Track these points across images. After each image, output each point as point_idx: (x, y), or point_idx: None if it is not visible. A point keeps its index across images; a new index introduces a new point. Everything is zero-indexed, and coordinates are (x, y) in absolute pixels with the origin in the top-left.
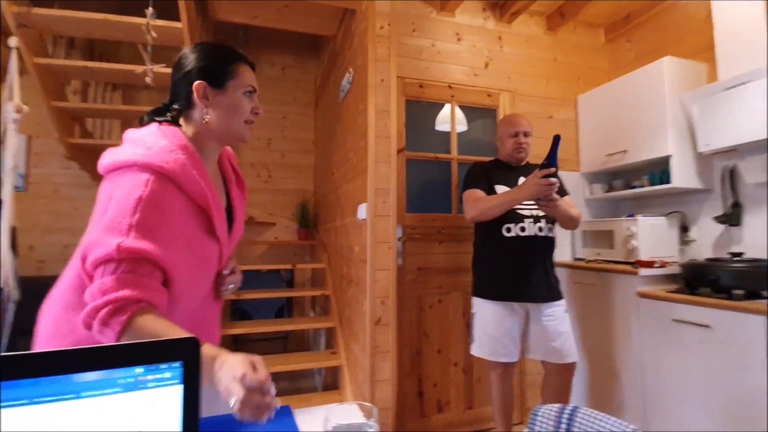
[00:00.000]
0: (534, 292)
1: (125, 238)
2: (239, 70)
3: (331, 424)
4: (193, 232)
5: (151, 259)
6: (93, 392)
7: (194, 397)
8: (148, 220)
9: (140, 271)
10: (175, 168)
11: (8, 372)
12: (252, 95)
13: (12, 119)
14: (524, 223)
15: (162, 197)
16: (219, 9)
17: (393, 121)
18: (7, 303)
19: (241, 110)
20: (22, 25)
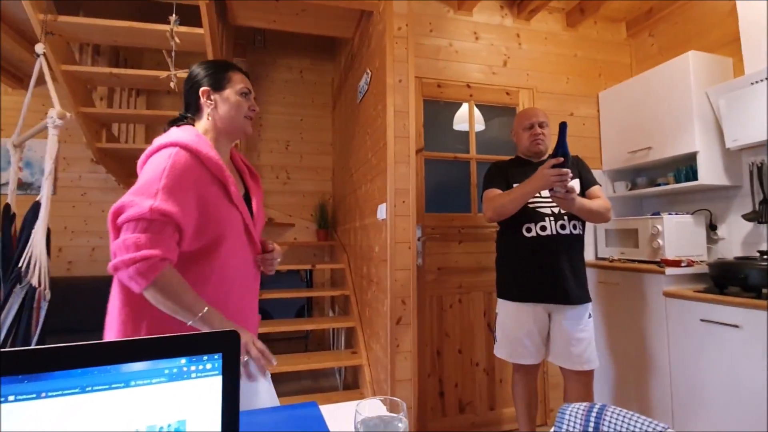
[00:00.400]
0: (556, 294)
1: (154, 200)
2: (234, 77)
3: (361, 418)
4: (213, 198)
5: (174, 220)
6: (141, 381)
7: (233, 388)
8: (172, 185)
9: (166, 231)
10: (193, 143)
11: (61, 363)
12: (247, 96)
13: (53, 125)
14: (545, 222)
15: (184, 166)
16: (238, 14)
17: (412, 121)
18: (41, 302)
19: (239, 107)
20: (49, 32)
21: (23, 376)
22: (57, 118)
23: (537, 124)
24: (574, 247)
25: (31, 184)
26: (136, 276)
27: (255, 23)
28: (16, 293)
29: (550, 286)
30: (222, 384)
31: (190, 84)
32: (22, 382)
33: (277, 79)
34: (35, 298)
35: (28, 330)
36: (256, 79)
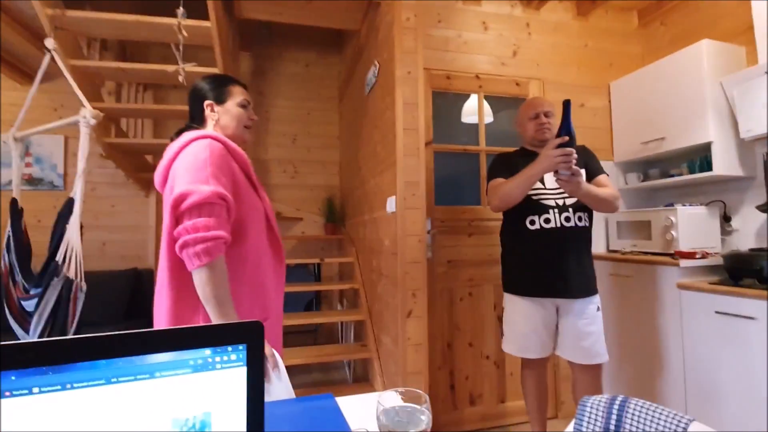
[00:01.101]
0: (562, 288)
1: (210, 186)
2: (234, 90)
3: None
4: (242, 185)
5: (229, 203)
6: (166, 372)
7: (258, 379)
8: (217, 172)
9: (223, 214)
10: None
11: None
12: (246, 107)
13: (86, 125)
14: (549, 214)
15: (220, 154)
16: (245, 7)
17: (421, 113)
18: (77, 294)
19: (239, 118)
20: (58, 27)
21: (48, 367)
22: (91, 118)
23: (542, 114)
24: (580, 239)
25: (42, 179)
26: (202, 253)
27: (261, 16)
28: (53, 286)
29: (555, 280)
30: (247, 375)
31: (195, 97)
32: (47, 374)
33: (283, 73)
34: (72, 290)
35: (65, 321)
36: (262, 72)
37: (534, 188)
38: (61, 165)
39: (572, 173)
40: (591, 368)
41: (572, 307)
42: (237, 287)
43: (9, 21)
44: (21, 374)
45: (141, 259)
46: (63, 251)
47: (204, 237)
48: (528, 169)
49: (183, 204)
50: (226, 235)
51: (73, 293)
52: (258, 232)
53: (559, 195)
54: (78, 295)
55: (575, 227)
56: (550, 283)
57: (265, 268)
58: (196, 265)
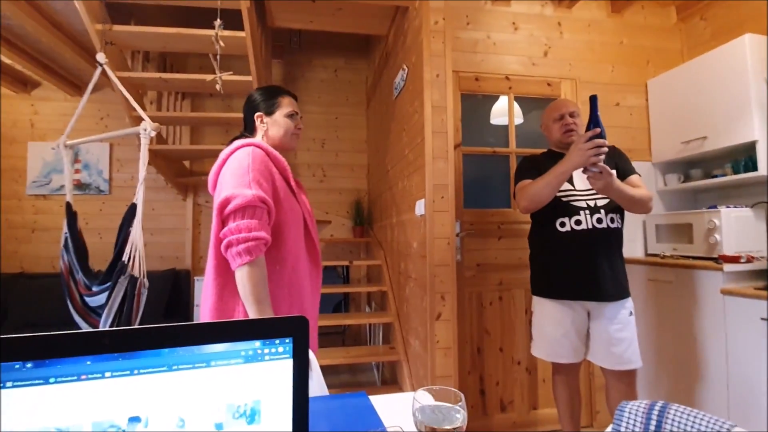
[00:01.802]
0: (594, 291)
1: (252, 190)
2: (283, 101)
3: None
4: (284, 189)
5: (269, 207)
6: (220, 362)
7: (303, 371)
8: (258, 177)
9: (265, 217)
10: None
11: (151, 342)
12: (294, 117)
13: (146, 136)
14: (579, 216)
15: (261, 160)
16: (277, 16)
17: (449, 116)
18: (141, 290)
19: (286, 127)
20: (108, 42)
21: (119, 354)
22: (152, 130)
23: (567, 114)
24: (612, 241)
25: (89, 184)
26: (244, 253)
27: (293, 24)
28: (120, 283)
29: (586, 283)
30: (293, 366)
31: (248, 108)
32: (117, 360)
33: (312, 79)
34: (136, 287)
35: (130, 315)
36: (293, 79)
37: (564, 189)
38: (107, 171)
39: (600, 171)
40: (624, 374)
41: (603, 311)
42: (275, 289)
43: (60, 36)
44: (96, 359)
45: (179, 260)
46: (128, 252)
47: (246, 237)
48: (558, 166)
49: (228, 207)
50: (267, 237)
51: (137, 289)
52: (296, 236)
53: (590, 196)
54: (141, 291)
55: (607, 229)
56: (580, 285)
57: (302, 272)
58: (238, 264)
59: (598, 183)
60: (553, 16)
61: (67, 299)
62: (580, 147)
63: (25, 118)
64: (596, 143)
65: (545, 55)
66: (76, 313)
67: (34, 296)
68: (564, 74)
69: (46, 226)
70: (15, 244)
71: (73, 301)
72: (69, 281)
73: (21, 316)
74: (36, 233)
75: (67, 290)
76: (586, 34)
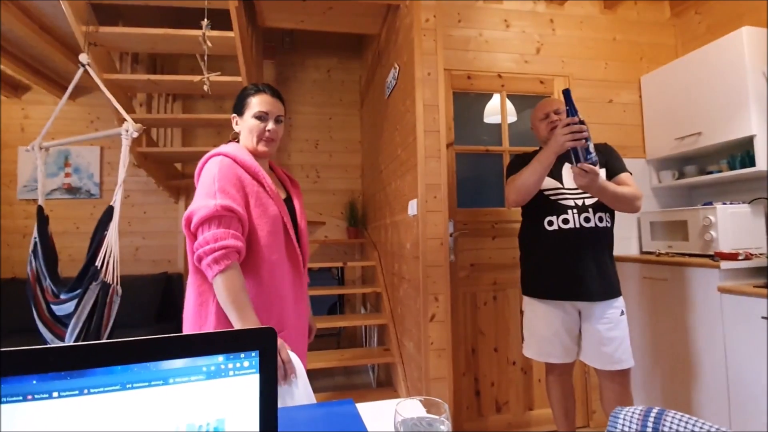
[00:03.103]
0: (583, 290)
1: (216, 200)
2: (251, 101)
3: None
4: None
5: (237, 214)
6: (180, 379)
7: (271, 386)
8: (224, 186)
9: (233, 225)
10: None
11: (103, 359)
12: (263, 119)
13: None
14: (567, 215)
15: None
16: (267, 16)
17: (441, 115)
18: (113, 297)
19: (251, 130)
20: (92, 43)
21: (66, 372)
22: (134, 131)
23: (552, 112)
24: (600, 240)
25: (80, 188)
26: (213, 263)
27: (283, 24)
28: (91, 290)
29: (573, 283)
30: (260, 382)
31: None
32: (66, 379)
33: (305, 80)
34: (108, 294)
35: (101, 325)
36: (285, 80)
37: (552, 188)
38: (98, 174)
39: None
40: (617, 374)
41: (594, 310)
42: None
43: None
44: (42, 378)
45: (171, 263)
46: (102, 256)
47: (212, 248)
48: (539, 154)
49: (193, 222)
50: (237, 244)
51: (110, 297)
52: (271, 242)
53: (579, 195)
54: (114, 299)
55: (595, 228)
56: (568, 285)
57: (281, 280)
58: (212, 275)
59: (581, 180)
60: (545, 13)
61: (33, 308)
62: (557, 133)
63: (15, 123)
64: (572, 129)
65: (538, 52)
66: (42, 323)
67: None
68: (557, 71)
69: None
70: (7, 250)
71: (39, 309)
72: (35, 288)
73: (15, 322)
74: (27, 238)
75: (33, 298)
76: (579, 31)
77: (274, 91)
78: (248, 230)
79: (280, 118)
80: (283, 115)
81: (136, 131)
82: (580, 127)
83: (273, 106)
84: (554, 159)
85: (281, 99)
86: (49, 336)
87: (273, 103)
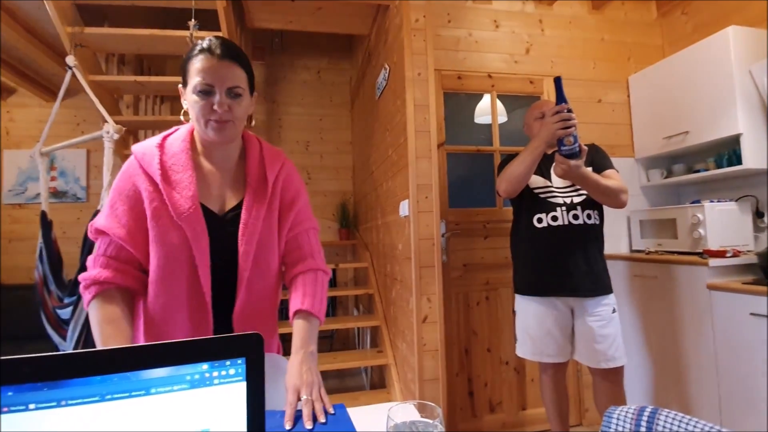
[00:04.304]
0: (574, 285)
1: (101, 217)
2: (191, 68)
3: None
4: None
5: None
6: (162, 389)
7: (258, 394)
8: (114, 199)
9: (110, 250)
10: (141, 150)
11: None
12: (206, 94)
13: (110, 139)
14: (556, 212)
15: (123, 178)
16: (256, 17)
17: (432, 115)
18: None
19: (195, 110)
20: (78, 44)
21: (43, 383)
22: (115, 132)
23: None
24: (589, 237)
25: (66, 192)
26: (83, 291)
27: (272, 25)
28: None
29: (563, 278)
30: (246, 390)
31: None
32: (42, 390)
33: (295, 81)
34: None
35: None
36: (275, 81)
37: (541, 186)
38: (84, 178)
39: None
40: (609, 372)
41: (586, 307)
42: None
43: (33, 41)
44: (18, 390)
45: None
46: None
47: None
48: (530, 143)
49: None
50: (93, 275)
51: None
52: (164, 278)
53: (567, 193)
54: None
55: (583, 225)
56: (558, 281)
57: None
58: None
59: (559, 168)
60: (534, 13)
61: (41, 311)
62: (546, 121)
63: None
64: (561, 117)
65: (527, 52)
66: (49, 326)
67: (12, 308)
68: (546, 71)
69: (22, 235)
70: None
71: (47, 313)
72: (43, 293)
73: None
74: (12, 243)
75: (41, 302)
76: (568, 31)
77: (227, 49)
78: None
79: (237, 89)
80: (240, 86)
81: (116, 133)
82: (568, 114)
83: (221, 72)
84: (544, 147)
85: (240, 59)
86: (57, 339)
87: (221, 68)
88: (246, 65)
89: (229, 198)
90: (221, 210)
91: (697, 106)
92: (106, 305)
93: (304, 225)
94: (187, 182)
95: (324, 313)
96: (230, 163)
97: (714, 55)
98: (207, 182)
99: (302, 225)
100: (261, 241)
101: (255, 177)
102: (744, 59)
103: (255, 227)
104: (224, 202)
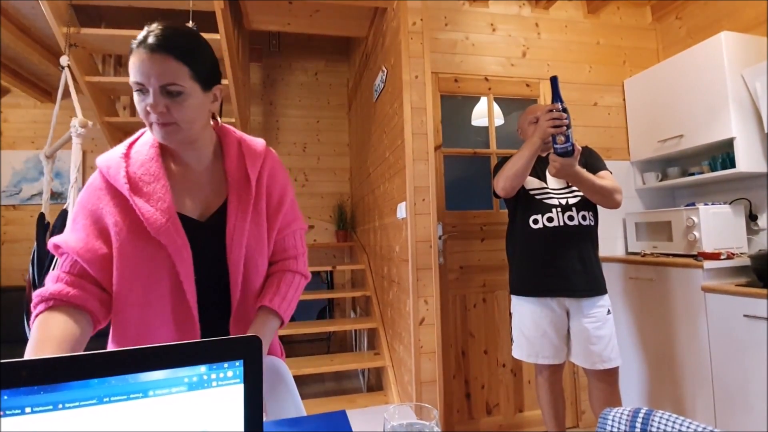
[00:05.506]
0: (569, 286)
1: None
2: (130, 63)
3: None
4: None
5: (67, 251)
6: (160, 391)
7: (256, 396)
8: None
9: (65, 266)
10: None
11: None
12: (143, 93)
13: (77, 134)
14: (551, 213)
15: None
16: (253, 19)
17: (429, 117)
18: None
19: (139, 110)
20: (72, 44)
21: (39, 387)
22: (79, 127)
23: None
24: (584, 238)
25: (62, 193)
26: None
27: (270, 27)
28: None
29: (559, 278)
30: (244, 392)
31: None
32: (39, 393)
33: (292, 83)
34: None
35: None
36: (272, 83)
37: (537, 187)
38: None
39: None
40: (605, 374)
41: (581, 308)
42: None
43: (29, 41)
44: (13, 393)
45: None
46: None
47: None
48: (526, 142)
49: None
50: (45, 293)
51: None
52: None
53: (563, 194)
54: None
55: (579, 226)
56: (553, 281)
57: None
58: None
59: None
60: (530, 17)
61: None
62: (540, 119)
63: None
64: (553, 115)
65: (523, 55)
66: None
67: (4, 311)
68: (542, 74)
69: (16, 237)
70: None
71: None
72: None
73: None
74: (6, 245)
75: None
76: (564, 35)
77: (162, 40)
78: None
79: (173, 87)
80: (177, 84)
81: (80, 126)
82: (559, 114)
83: (153, 68)
84: (540, 145)
85: (177, 51)
86: None
87: (153, 63)
88: (189, 56)
89: (209, 201)
90: (202, 215)
91: (691, 110)
92: (51, 324)
93: (291, 227)
94: (161, 193)
95: (289, 317)
96: (204, 163)
97: (707, 60)
98: (183, 188)
99: (290, 227)
100: (250, 243)
101: (235, 176)
102: (736, 64)
103: (242, 231)
104: (205, 206)
